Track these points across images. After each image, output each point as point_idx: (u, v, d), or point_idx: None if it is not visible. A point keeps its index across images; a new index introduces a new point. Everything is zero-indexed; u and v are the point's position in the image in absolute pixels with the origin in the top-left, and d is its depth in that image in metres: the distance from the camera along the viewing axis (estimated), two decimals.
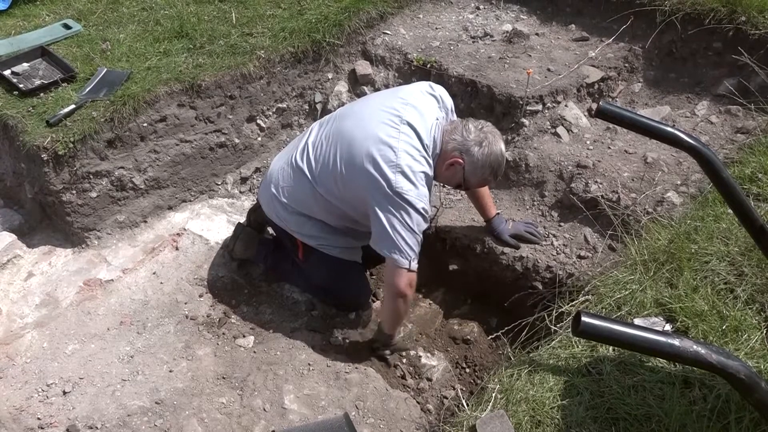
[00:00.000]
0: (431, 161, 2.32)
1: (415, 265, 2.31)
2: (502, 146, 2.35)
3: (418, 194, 2.24)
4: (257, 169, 3.39)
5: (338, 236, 2.61)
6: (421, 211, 2.25)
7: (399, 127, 2.28)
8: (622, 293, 2.05)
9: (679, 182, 2.68)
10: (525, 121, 3.08)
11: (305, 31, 3.31)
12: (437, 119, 2.37)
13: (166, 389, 2.43)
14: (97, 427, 2.30)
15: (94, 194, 2.91)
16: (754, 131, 2.78)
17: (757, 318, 1.87)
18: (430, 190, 2.34)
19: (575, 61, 3.25)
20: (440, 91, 2.48)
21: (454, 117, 2.53)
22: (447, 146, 2.34)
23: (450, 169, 2.36)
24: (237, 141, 3.27)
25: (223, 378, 2.49)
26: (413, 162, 2.24)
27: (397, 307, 2.47)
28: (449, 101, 2.51)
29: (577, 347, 1.93)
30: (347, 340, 2.69)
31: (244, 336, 2.67)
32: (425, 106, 2.37)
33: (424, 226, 2.30)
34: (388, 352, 2.64)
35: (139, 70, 3.04)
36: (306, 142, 2.55)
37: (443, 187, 3.00)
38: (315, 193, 2.48)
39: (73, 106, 2.81)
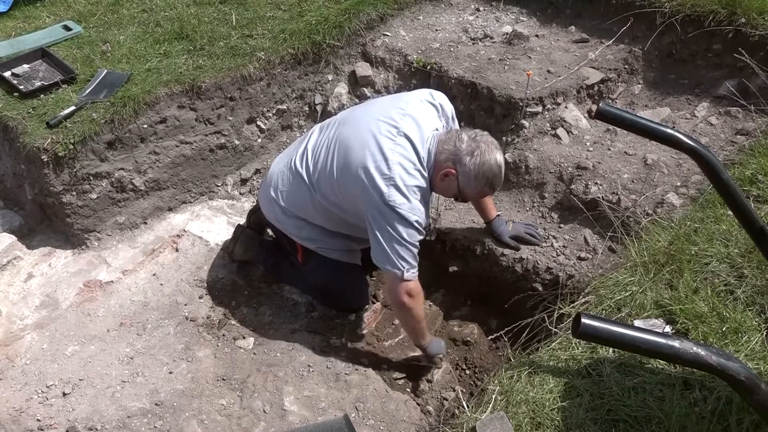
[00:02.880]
0: (426, 173, 2.29)
1: (410, 275, 2.29)
2: (498, 156, 2.26)
3: (411, 207, 2.22)
4: (257, 171, 3.39)
5: (337, 239, 2.60)
6: (414, 224, 2.23)
7: (395, 138, 2.26)
8: (622, 295, 2.05)
9: (679, 184, 2.68)
10: (525, 122, 3.08)
11: (305, 32, 3.31)
12: (436, 130, 2.35)
13: (165, 391, 2.43)
14: (96, 429, 2.30)
15: (94, 196, 2.91)
16: (754, 133, 2.78)
17: (757, 320, 1.86)
18: (426, 202, 2.32)
19: (575, 63, 3.25)
20: (441, 99, 2.45)
21: (456, 124, 2.51)
22: (440, 156, 2.29)
23: (444, 179, 2.31)
24: (237, 142, 3.27)
25: (223, 379, 2.49)
26: (406, 175, 2.22)
27: (404, 317, 2.46)
28: (450, 109, 2.49)
29: (577, 349, 1.93)
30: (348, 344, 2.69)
31: (243, 337, 2.67)
32: (424, 117, 2.34)
33: (419, 238, 2.28)
34: (433, 357, 2.55)
35: (139, 72, 3.04)
36: (306, 147, 2.54)
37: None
38: (313, 198, 2.47)
39: (73, 108, 2.82)
